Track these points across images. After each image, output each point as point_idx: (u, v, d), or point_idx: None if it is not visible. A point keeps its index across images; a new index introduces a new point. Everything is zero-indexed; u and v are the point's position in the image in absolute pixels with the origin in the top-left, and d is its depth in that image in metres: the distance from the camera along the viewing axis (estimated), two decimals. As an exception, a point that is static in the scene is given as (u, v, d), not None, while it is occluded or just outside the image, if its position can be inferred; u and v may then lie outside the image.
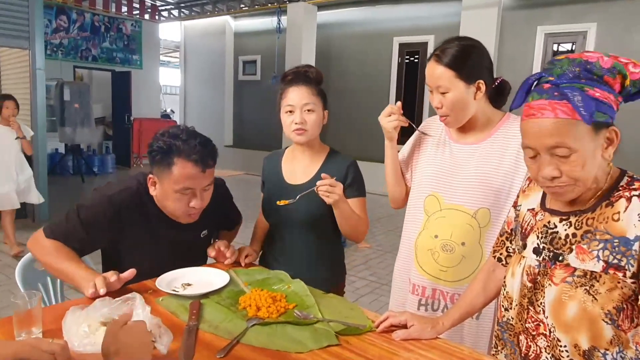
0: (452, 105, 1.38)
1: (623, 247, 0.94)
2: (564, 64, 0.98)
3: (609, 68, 0.95)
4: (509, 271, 1.12)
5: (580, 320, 0.96)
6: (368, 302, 3.58)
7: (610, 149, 0.97)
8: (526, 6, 6.83)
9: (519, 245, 1.12)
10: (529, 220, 1.11)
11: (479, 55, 1.40)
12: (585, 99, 0.93)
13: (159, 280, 1.39)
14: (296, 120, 1.56)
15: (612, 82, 0.96)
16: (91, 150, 9.63)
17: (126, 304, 1.12)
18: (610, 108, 0.96)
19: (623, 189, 0.98)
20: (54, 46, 9.12)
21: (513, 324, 1.10)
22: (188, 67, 11.50)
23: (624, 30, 6.07)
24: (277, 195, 1.59)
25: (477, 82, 1.38)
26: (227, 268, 1.54)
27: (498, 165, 1.40)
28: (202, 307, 1.27)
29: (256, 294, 1.30)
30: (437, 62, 1.38)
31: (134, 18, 10.20)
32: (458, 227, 1.43)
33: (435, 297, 1.49)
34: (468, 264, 1.44)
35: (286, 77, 1.61)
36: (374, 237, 5.48)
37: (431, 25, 7.79)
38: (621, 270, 0.94)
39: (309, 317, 1.21)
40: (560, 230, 1.02)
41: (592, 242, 0.97)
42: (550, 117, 0.94)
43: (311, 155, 1.66)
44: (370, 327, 1.18)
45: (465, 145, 1.47)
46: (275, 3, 8.59)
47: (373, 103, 8.58)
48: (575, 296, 0.97)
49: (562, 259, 1.00)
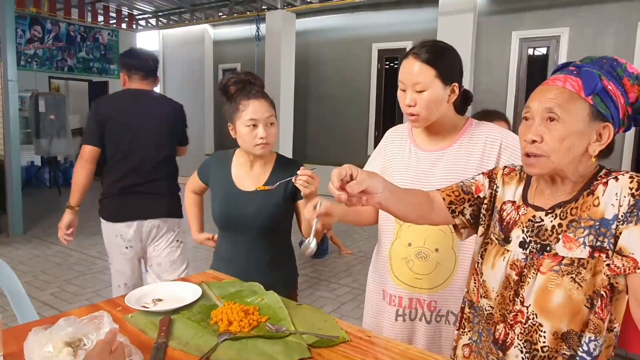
0: (427, 104, 1.35)
1: (604, 228, 0.97)
2: (594, 57, 1.03)
3: (631, 73, 0.99)
4: (488, 262, 1.13)
5: (565, 307, 0.98)
6: (350, 309, 3.56)
7: (596, 145, 0.99)
8: (501, 12, 6.95)
9: (499, 238, 1.12)
10: (511, 213, 1.11)
11: (456, 58, 1.40)
12: (596, 82, 0.96)
13: (128, 296, 1.35)
14: (261, 135, 1.59)
15: (628, 88, 0.99)
16: (68, 162, 9.45)
17: (92, 323, 1.09)
18: (615, 107, 0.98)
19: (601, 177, 1.01)
20: (28, 57, 8.96)
21: (493, 313, 1.11)
22: (167, 76, 11.39)
23: (595, 34, 6.22)
24: (228, 202, 1.67)
25: (453, 85, 1.37)
26: (200, 282, 1.51)
27: (464, 170, 1.40)
28: (172, 323, 1.24)
29: (228, 308, 1.28)
30: (417, 58, 1.34)
31: (111, 27, 10.08)
32: (430, 233, 1.43)
33: (412, 307, 1.47)
34: (443, 270, 1.43)
35: (230, 86, 1.64)
36: (356, 244, 5.48)
37: (409, 31, 7.87)
38: (604, 252, 0.96)
39: (281, 330, 1.19)
40: (547, 222, 1.04)
41: (577, 229, 1.00)
42: (558, 85, 1.00)
43: (262, 163, 1.71)
44: (343, 339, 1.17)
45: (431, 152, 1.46)
46: (254, 11, 8.58)
47: (353, 109, 8.63)
48: (561, 284, 0.99)
49: (550, 249, 1.02)
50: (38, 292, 3.78)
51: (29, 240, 5.22)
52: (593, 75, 0.97)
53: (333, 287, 4.04)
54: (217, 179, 1.75)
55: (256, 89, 1.64)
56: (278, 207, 1.66)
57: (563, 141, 0.97)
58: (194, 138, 10.84)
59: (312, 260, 4.79)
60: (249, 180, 1.69)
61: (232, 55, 10.18)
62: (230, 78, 1.66)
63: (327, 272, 4.46)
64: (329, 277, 4.31)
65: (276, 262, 1.72)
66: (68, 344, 1.04)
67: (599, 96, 0.97)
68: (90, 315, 1.10)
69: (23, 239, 5.29)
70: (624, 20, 6.06)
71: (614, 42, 6.11)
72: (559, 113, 0.97)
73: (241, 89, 1.64)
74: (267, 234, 1.68)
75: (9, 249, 4.90)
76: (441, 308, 1.44)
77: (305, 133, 9.15)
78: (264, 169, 1.70)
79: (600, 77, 0.98)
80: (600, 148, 0.99)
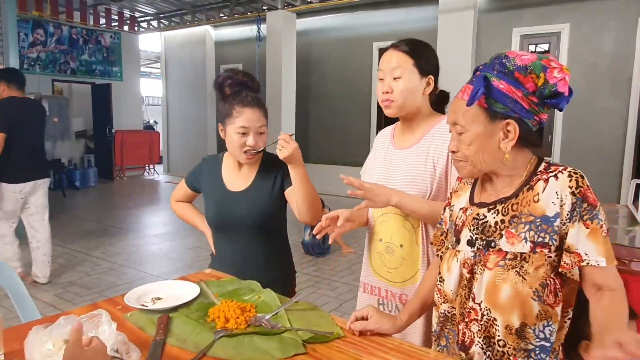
0: (403, 91, 1.43)
1: (545, 225, 1.02)
2: (493, 57, 1.07)
3: (521, 65, 1.01)
4: (444, 267, 1.17)
5: (513, 300, 1.02)
6: (351, 307, 3.58)
7: (507, 142, 1.04)
8: (501, 8, 6.94)
9: (452, 242, 1.18)
10: (461, 216, 1.17)
11: (433, 54, 1.49)
12: (478, 87, 1.01)
13: (127, 295, 1.38)
14: (250, 143, 1.60)
15: (522, 79, 1.02)
16: (72, 164, 9.51)
17: (91, 321, 1.11)
18: (515, 102, 1.02)
19: (541, 173, 1.06)
20: (31, 60, 9.03)
21: (456, 313, 1.14)
22: (169, 78, 11.45)
23: (595, 30, 6.20)
24: (221, 204, 1.70)
25: (429, 77, 1.45)
26: (199, 280, 1.53)
27: (423, 168, 1.44)
28: (170, 320, 1.26)
29: (225, 306, 1.30)
30: (396, 49, 1.45)
31: (113, 30, 10.14)
32: (396, 230, 1.49)
33: (387, 298, 1.54)
34: (409, 265, 1.48)
35: (226, 87, 1.64)
36: (358, 242, 5.50)
37: (410, 29, 7.86)
38: (546, 247, 1.01)
39: (277, 326, 1.21)
40: (490, 219, 1.09)
41: (518, 225, 1.04)
42: (459, 97, 1.08)
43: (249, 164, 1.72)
44: (337, 334, 1.19)
45: (400, 150, 1.52)
46: (254, 12, 8.61)
47: (354, 108, 8.63)
48: (507, 278, 1.03)
49: (495, 245, 1.07)
50: (42, 293, 3.81)
51: (33, 242, 5.25)
52: (479, 81, 1.02)
53: (335, 286, 4.07)
54: (209, 183, 1.77)
55: (252, 95, 1.63)
56: (268, 202, 1.67)
57: (470, 146, 1.06)
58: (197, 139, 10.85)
59: (314, 258, 4.81)
60: (238, 181, 1.72)
61: (233, 55, 10.21)
62: (227, 77, 1.65)
63: (329, 271, 4.48)
64: (331, 276, 4.33)
65: (273, 260, 1.74)
66: (67, 341, 1.07)
67: (492, 98, 1.02)
68: (89, 314, 1.12)
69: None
70: (623, 16, 6.05)
71: (614, 37, 6.09)
72: (461, 123, 1.06)
73: (237, 93, 1.63)
74: (262, 231, 1.69)
75: (14, 251, 4.94)
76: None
77: (307, 133, 9.17)
78: (251, 168, 1.72)
79: (490, 79, 1.02)
80: (511, 143, 1.04)
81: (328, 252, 4.98)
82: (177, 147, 11.40)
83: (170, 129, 11.51)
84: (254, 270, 1.66)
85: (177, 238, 5.58)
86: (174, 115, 11.45)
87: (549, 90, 1.00)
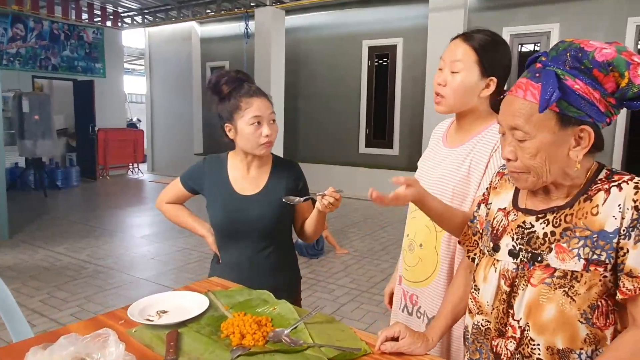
0: (456, 88, 1.29)
1: (602, 241, 0.89)
2: (560, 47, 0.92)
3: (601, 62, 0.86)
4: (479, 274, 1.07)
5: (557, 322, 0.92)
6: (350, 310, 3.49)
7: (577, 150, 0.91)
8: (492, 8, 6.94)
9: (488, 247, 1.06)
10: (501, 220, 1.05)
11: (503, 54, 1.32)
12: (553, 89, 0.86)
13: (130, 308, 1.27)
14: (266, 133, 1.55)
15: (602, 79, 0.87)
16: (54, 163, 9.23)
17: (96, 341, 1.01)
18: (591, 105, 0.88)
19: (601, 182, 0.93)
20: (11, 56, 8.73)
21: (490, 327, 1.03)
22: (154, 75, 11.21)
23: (585, 30, 6.24)
24: (229, 207, 1.61)
25: (490, 79, 1.30)
26: (206, 291, 1.43)
27: (457, 170, 1.34)
28: (180, 337, 1.16)
29: (239, 320, 1.20)
30: (464, 41, 1.30)
31: (96, 25, 9.88)
32: (420, 227, 1.43)
33: (402, 294, 1.51)
34: (423, 268, 1.41)
35: (223, 85, 1.58)
36: (351, 243, 5.43)
37: (400, 27, 7.83)
38: (602, 265, 0.89)
39: (298, 342, 1.12)
40: (538, 229, 0.97)
41: (572, 239, 0.92)
42: (519, 96, 0.92)
43: (259, 165, 1.66)
44: (365, 351, 1.10)
45: (448, 148, 1.43)
46: (242, 8, 8.47)
47: (343, 106, 8.57)
48: (553, 298, 0.92)
49: (542, 260, 0.95)
50: (27, 299, 3.65)
51: (15, 245, 5.07)
52: (551, 79, 0.87)
53: (331, 288, 3.98)
54: (213, 185, 1.67)
55: (255, 86, 1.61)
56: (279, 208, 1.61)
57: (535, 157, 0.91)
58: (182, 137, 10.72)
59: (309, 260, 4.72)
60: (247, 184, 1.64)
61: (219, 53, 10.04)
62: (221, 76, 1.60)
63: (325, 273, 4.39)
64: (327, 278, 4.25)
65: (281, 266, 1.68)
66: (70, 364, 0.96)
67: (565, 101, 0.88)
68: (94, 334, 1.01)
69: (9, 243, 5.13)
70: (614, 15, 6.09)
71: (604, 37, 6.12)
72: (525, 130, 0.91)
73: (237, 88, 1.58)
74: (271, 237, 1.64)
75: (-6, 254, 4.75)
76: (421, 305, 1.43)
77: (296, 131, 9.07)
78: (261, 171, 1.65)
79: (563, 78, 0.88)
80: (583, 152, 0.90)
81: (322, 253, 4.89)
82: (162, 146, 11.18)
83: (155, 127, 11.28)
84: (261, 276, 1.61)
85: (165, 239, 5.43)
86: (158, 113, 11.22)
87: (632, 92, 0.85)
